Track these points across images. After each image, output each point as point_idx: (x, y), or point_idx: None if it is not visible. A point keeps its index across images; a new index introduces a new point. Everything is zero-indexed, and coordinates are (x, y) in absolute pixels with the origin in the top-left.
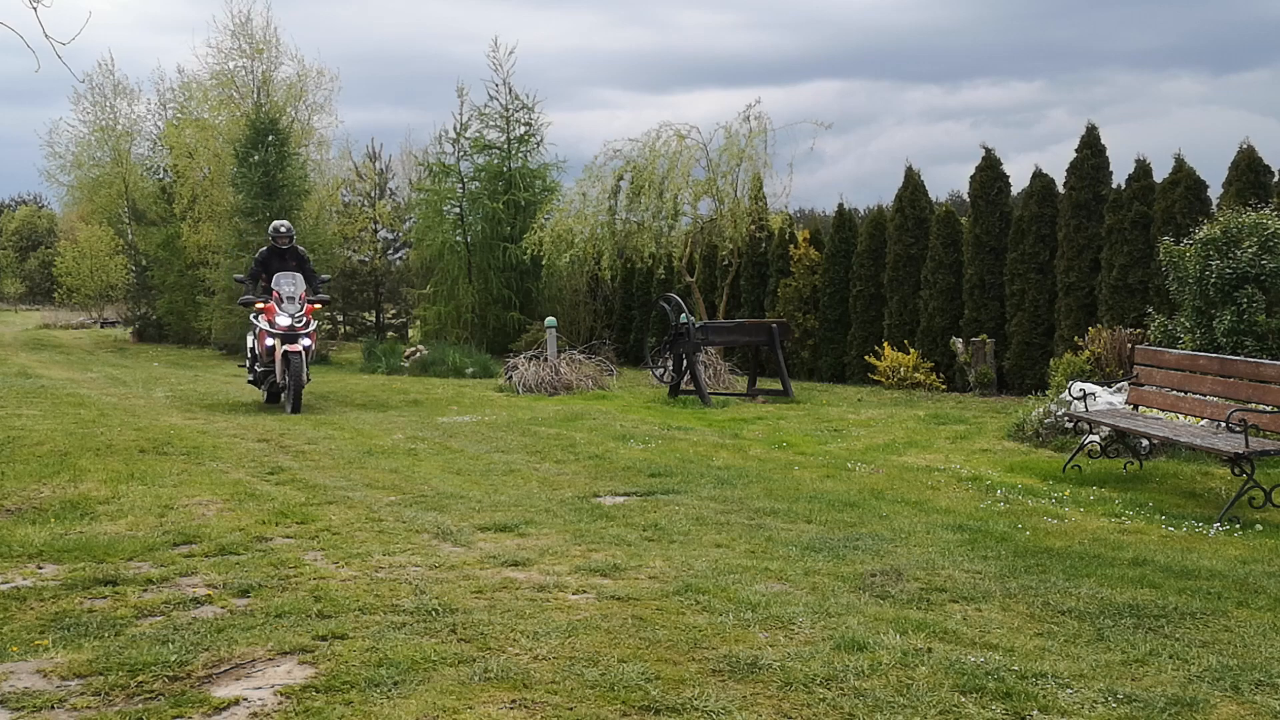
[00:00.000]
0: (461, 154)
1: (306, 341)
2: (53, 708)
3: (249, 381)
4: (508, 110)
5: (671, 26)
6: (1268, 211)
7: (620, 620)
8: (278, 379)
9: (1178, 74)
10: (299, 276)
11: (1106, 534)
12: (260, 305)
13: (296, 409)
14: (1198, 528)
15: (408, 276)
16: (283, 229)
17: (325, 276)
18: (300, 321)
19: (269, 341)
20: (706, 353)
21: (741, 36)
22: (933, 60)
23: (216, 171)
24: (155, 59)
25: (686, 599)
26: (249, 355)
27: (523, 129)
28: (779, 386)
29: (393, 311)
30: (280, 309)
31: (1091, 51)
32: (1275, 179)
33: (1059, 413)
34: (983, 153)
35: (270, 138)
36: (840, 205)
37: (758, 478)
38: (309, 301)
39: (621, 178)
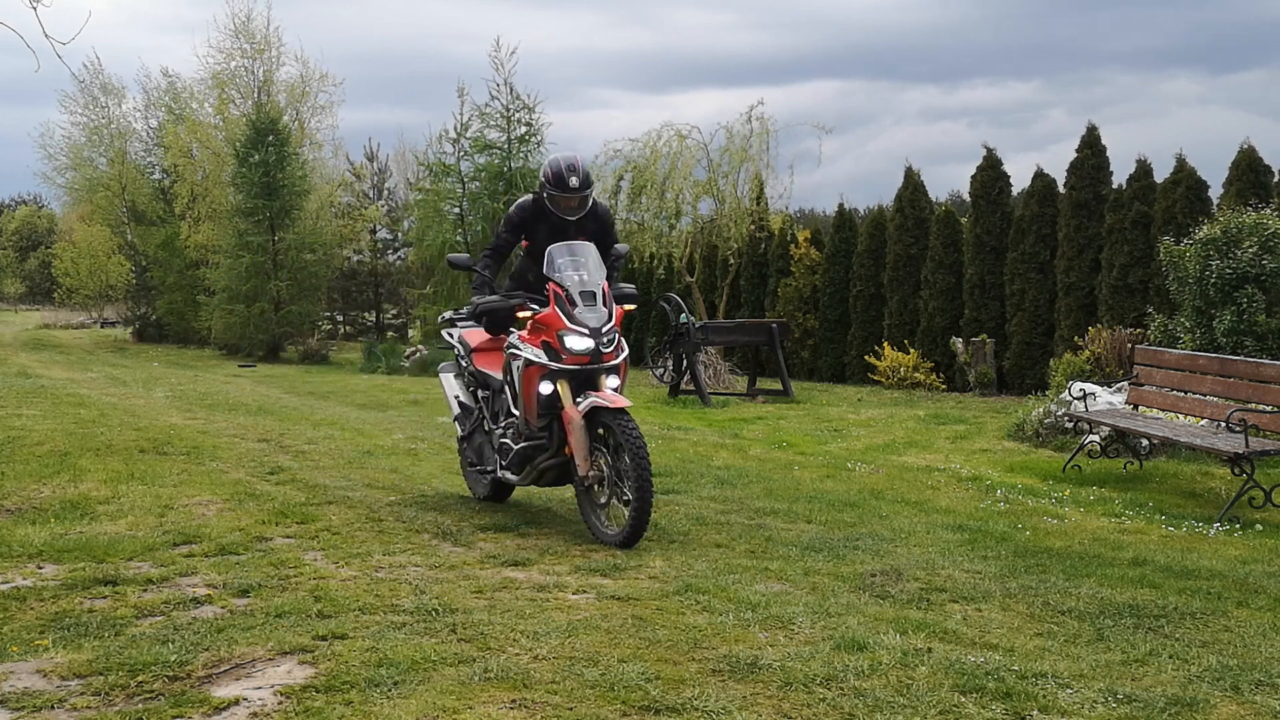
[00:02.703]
0: (462, 154)
1: (616, 381)
2: (53, 708)
3: (467, 465)
4: (509, 110)
5: (670, 26)
6: (1268, 211)
7: (620, 620)
8: (543, 461)
9: (1176, 74)
10: (594, 253)
11: (1106, 534)
12: (526, 312)
13: (636, 537)
14: (1198, 528)
15: (407, 276)
16: (573, 177)
17: (622, 248)
18: (609, 338)
19: (544, 387)
20: (706, 353)
21: (740, 36)
22: (931, 60)
23: (216, 171)
24: (141, 58)
25: (686, 599)
26: (456, 410)
27: (524, 129)
28: (779, 386)
29: (393, 311)
30: (570, 318)
31: (1089, 51)
32: (1275, 179)
33: (1059, 413)
34: (984, 152)
35: (270, 138)
36: (840, 205)
37: (758, 478)
38: (616, 301)
39: (622, 178)
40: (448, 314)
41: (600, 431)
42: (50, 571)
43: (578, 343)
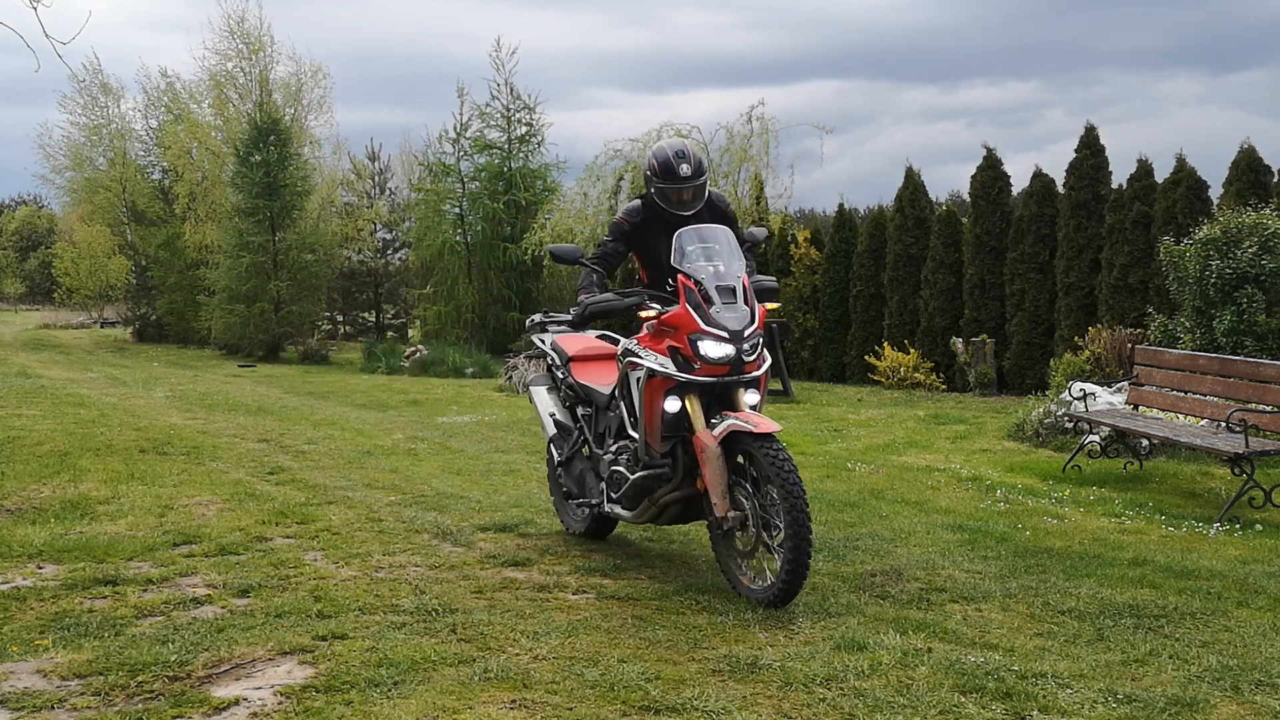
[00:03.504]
0: (462, 154)
1: (755, 398)
2: (53, 708)
3: (561, 495)
4: (509, 110)
5: (670, 26)
6: (1268, 211)
7: (620, 620)
8: (664, 494)
9: (1175, 74)
10: (730, 238)
11: (1106, 534)
12: (648, 312)
13: (789, 594)
14: (1198, 528)
15: (407, 276)
16: (684, 164)
17: (759, 232)
18: (752, 344)
19: (670, 404)
20: None
21: (740, 36)
22: (929, 60)
23: (215, 171)
24: (141, 59)
25: (686, 599)
26: (552, 430)
27: (524, 129)
28: (779, 386)
29: (392, 311)
30: (706, 319)
31: (1088, 51)
32: (1276, 179)
33: (1059, 413)
34: (983, 152)
35: (271, 138)
36: (841, 205)
37: None
38: (759, 299)
39: (622, 178)
40: (538, 316)
41: (740, 461)
42: (50, 571)
43: (715, 349)
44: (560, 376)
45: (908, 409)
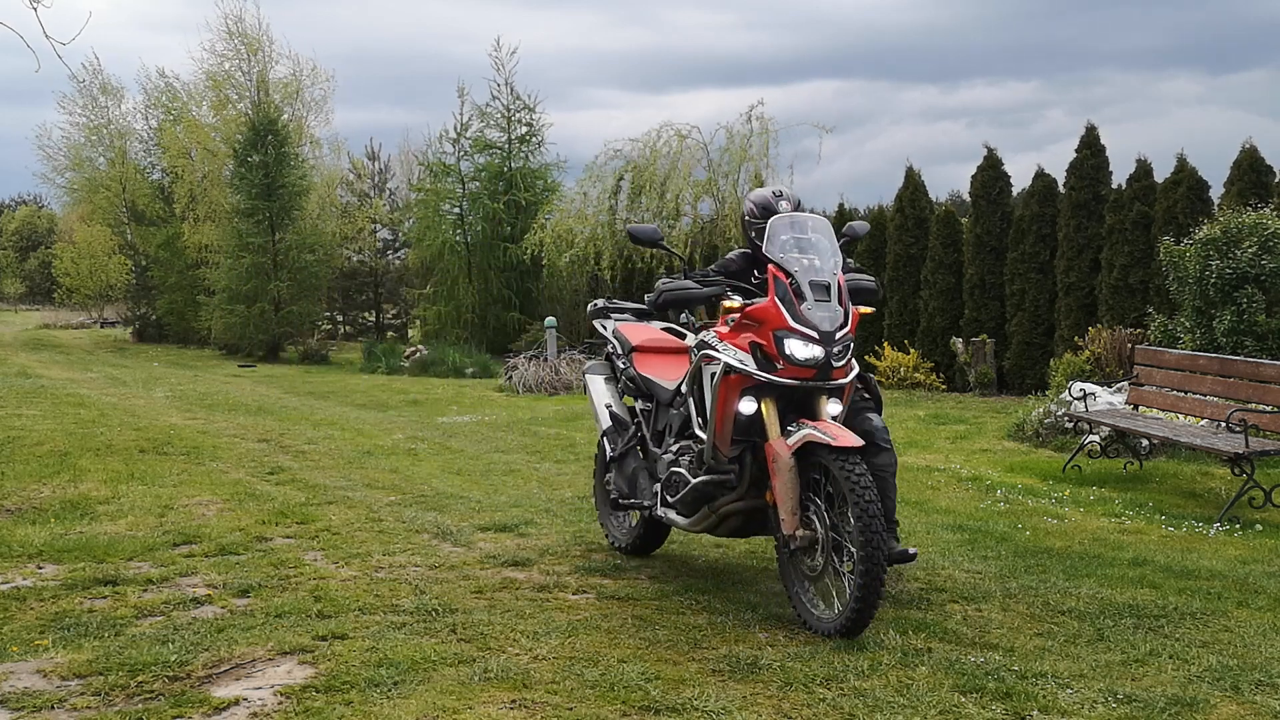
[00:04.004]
0: (462, 154)
1: (838, 408)
2: (53, 708)
3: (605, 498)
4: (509, 110)
5: (669, 26)
6: (1268, 211)
7: (620, 620)
8: (726, 503)
9: (1174, 74)
10: (827, 230)
11: (1106, 534)
12: (732, 302)
13: (859, 626)
14: (1198, 528)
15: (407, 276)
16: (782, 201)
17: (860, 226)
18: (842, 348)
19: (745, 405)
20: None
21: (739, 36)
22: (929, 60)
23: (215, 171)
24: (141, 59)
25: (686, 599)
26: (607, 422)
27: (524, 129)
28: None
29: (393, 311)
30: (795, 315)
31: (1087, 51)
32: (1277, 179)
33: (1059, 413)
34: (984, 152)
35: (269, 138)
36: (841, 205)
37: None
38: (853, 300)
39: (622, 178)
40: (600, 302)
41: (815, 476)
42: (50, 571)
43: (802, 349)
44: (621, 367)
45: (908, 409)
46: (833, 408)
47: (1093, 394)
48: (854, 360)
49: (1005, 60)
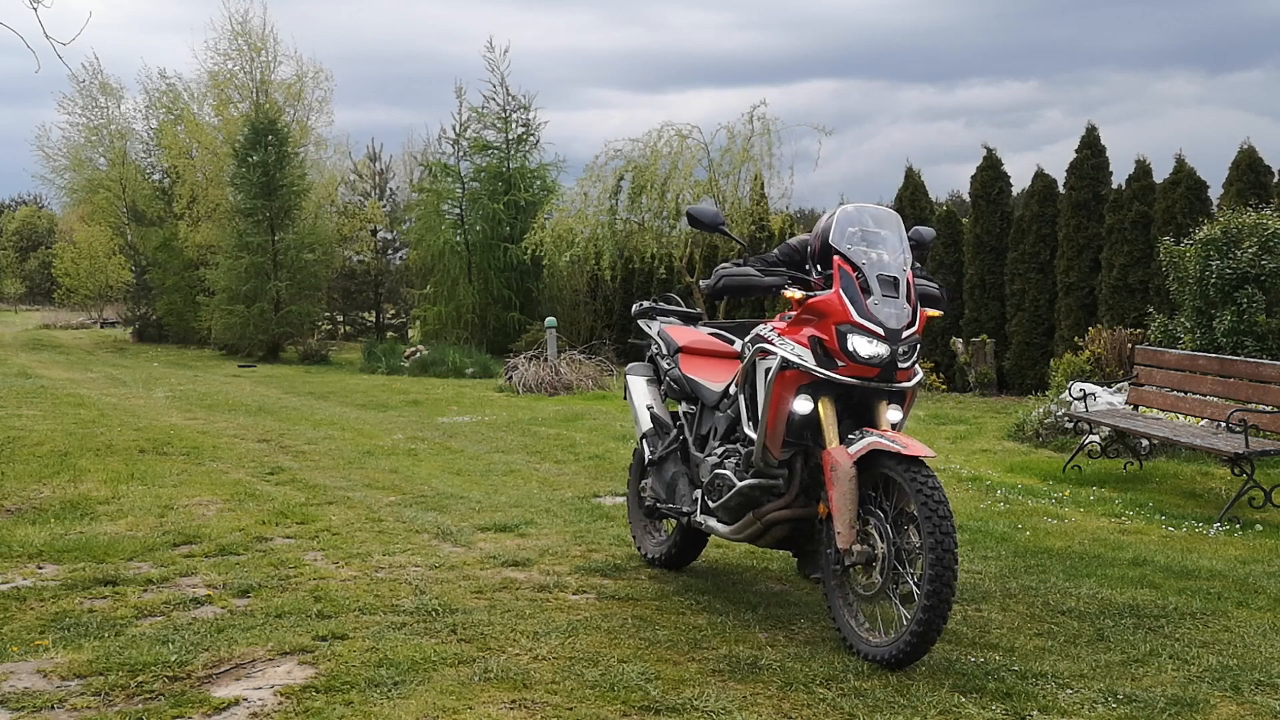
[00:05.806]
0: (461, 154)
1: (899, 415)
2: (53, 708)
3: (639, 503)
4: (505, 110)
5: (665, 26)
6: (1268, 211)
7: (620, 620)
8: (772, 511)
9: (1173, 74)
10: (898, 224)
11: (1106, 534)
12: (793, 292)
13: (917, 653)
14: (1198, 528)
15: (407, 276)
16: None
17: (926, 232)
18: (908, 348)
19: (801, 404)
20: None
21: (736, 36)
22: (927, 60)
23: (215, 171)
24: (142, 59)
25: (686, 599)
26: (647, 424)
27: (521, 129)
28: None
29: (392, 311)
30: (860, 310)
31: (1086, 51)
32: (1276, 179)
33: (1059, 413)
34: (982, 152)
35: (270, 138)
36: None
37: None
38: (922, 302)
39: (622, 178)
40: (646, 302)
41: (872, 491)
42: (50, 571)
43: (866, 346)
44: (666, 368)
45: None
46: (893, 414)
47: (1093, 394)
48: (919, 366)
49: (1003, 60)
